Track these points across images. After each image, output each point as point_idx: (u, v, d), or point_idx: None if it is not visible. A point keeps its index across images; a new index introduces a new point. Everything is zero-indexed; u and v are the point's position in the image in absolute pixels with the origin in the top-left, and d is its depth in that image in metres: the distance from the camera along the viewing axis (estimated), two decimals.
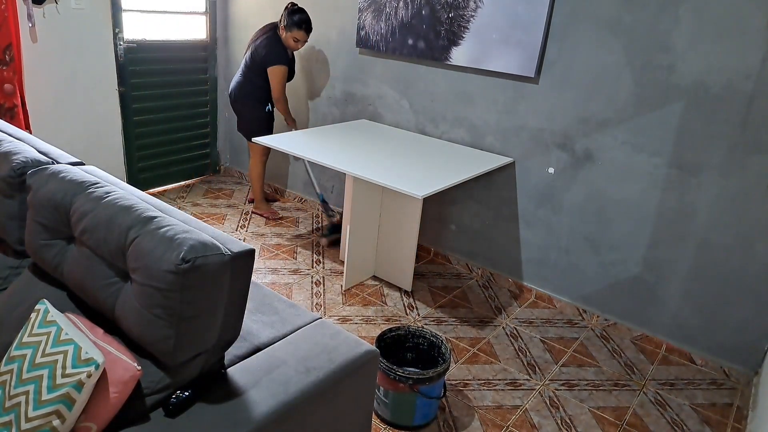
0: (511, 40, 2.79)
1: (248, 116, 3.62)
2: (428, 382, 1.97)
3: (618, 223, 2.71)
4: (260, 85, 3.50)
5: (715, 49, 2.30)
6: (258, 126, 3.61)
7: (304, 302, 2.85)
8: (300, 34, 3.38)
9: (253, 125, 3.61)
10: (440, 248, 3.44)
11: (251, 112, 3.59)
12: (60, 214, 1.44)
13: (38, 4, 3.13)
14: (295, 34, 3.36)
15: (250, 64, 3.49)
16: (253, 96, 3.54)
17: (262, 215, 3.84)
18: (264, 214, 3.84)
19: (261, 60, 3.42)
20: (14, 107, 3.07)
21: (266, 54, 3.40)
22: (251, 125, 3.62)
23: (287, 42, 3.40)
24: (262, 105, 3.57)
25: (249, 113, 3.60)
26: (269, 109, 3.60)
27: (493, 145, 3.04)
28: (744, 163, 2.34)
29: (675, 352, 2.69)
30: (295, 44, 3.42)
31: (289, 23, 3.35)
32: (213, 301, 1.23)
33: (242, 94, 3.56)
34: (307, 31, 3.39)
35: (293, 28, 3.35)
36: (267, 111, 3.59)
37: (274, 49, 3.40)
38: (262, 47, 3.42)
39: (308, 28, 3.39)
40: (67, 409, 1.11)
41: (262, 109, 3.58)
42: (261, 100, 3.56)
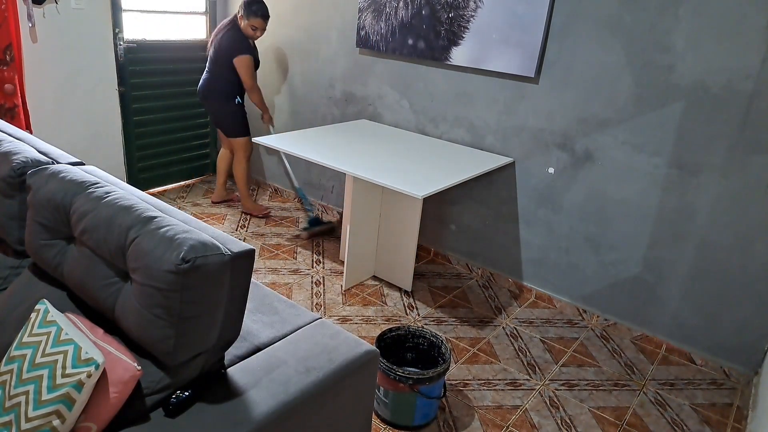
0: (511, 40, 2.79)
1: (221, 112, 3.62)
2: (428, 382, 1.97)
3: (618, 223, 2.71)
4: (228, 78, 3.49)
5: (715, 49, 2.30)
6: (234, 120, 3.61)
7: (304, 302, 2.85)
8: (258, 22, 3.39)
9: (229, 120, 3.62)
10: (440, 248, 3.44)
11: (222, 108, 3.59)
12: (60, 214, 1.44)
13: (38, 4, 3.13)
14: (252, 22, 3.37)
15: (215, 59, 3.47)
16: (222, 91, 3.53)
17: (253, 214, 3.83)
18: (254, 213, 3.83)
19: (226, 53, 3.41)
20: (15, 107, 3.07)
21: (230, 46, 3.40)
22: (227, 121, 3.63)
23: (246, 31, 3.41)
24: (231, 99, 3.56)
25: (220, 109, 3.60)
26: (239, 101, 3.59)
27: (493, 145, 3.04)
28: (744, 163, 2.34)
29: (675, 352, 2.69)
30: (253, 32, 3.42)
31: (246, 12, 3.36)
32: (213, 301, 1.23)
33: (211, 91, 3.55)
34: (264, 18, 3.41)
35: (251, 17, 3.37)
36: (237, 103, 3.58)
37: (236, 39, 3.41)
38: (225, 40, 3.41)
39: (265, 15, 3.41)
40: (67, 409, 1.11)
41: (232, 102, 3.57)
42: (230, 95, 3.55)
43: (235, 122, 3.62)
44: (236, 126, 3.63)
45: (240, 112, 3.62)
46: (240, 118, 3.63)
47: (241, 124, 3.64)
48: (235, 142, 3.69)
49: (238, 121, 3.62)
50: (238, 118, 3.62)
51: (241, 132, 3.66)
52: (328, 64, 3.67)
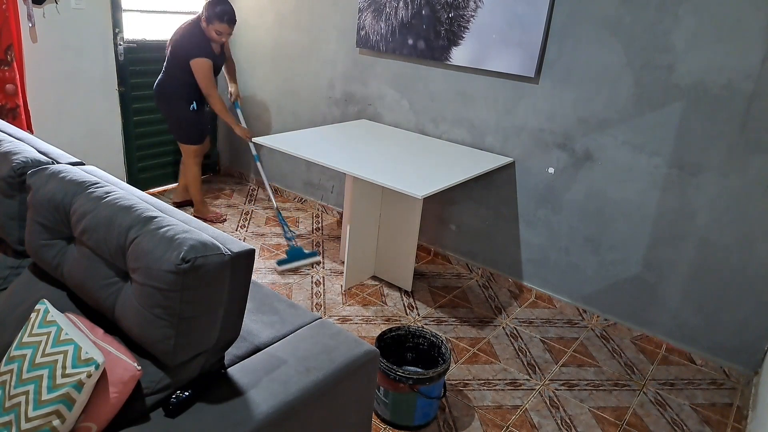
0: (511, 40, 2.79)
1: (173, 116, 3.38)
2: (428, 382, 1.97)
3: (618, 223, 2.71)
4: (184, 81, 3.25)
5: (715, 49, 2.30)
6: (186, 126, 3.37)
7: (304, 302, 2.85)
8: (222, 27, 3.16)
9: (181, 126, 3.38)
10: (440, 248, 3.44)
11: (175, 112, 3.35)
12: (60, 214, 1.44)
13: (38, 4, 3.13)
14: (217, 26, 3.15)
15: (171, 59, 3.26)
16: (176, 94, 3.29)
17: (207, 219, 3.67)
18: (209, 218, 3.68)
19: (183, 53, 3.19)
20: (16, 107, 3.07)
21: (188, 46, 3.17)
22: (178, 126, 3.39)
23: (210, 35, 3.18)
24: (186, 103, 3.32)
25: (173, 113, 3.36)
26: (194, 107, 3.35)
27: (493, 145, 3.04)
28: (744, 163, 2.34)
29: (675, 352, 2.69)
30: (218, 37, 3.19)
31: (210, 15, 3.12)
32: (213, 301, 1.23)
33: (164, 93, 3.33)
34: (229, 23, 3.18)
35: (215, 21, 3.13)
36: (192, 110, 3.34)
37: (196, 40, 3.17)
38: (183, 40, 3.19)
39: (231, 20, 3.17)
40: (67, 409, 1.11)
41: (186, 107, 3.33)
42: (185, 98, 3.31)
43: (188, 129, 3.38)
44: (189, 133, 3.39)
45: (194, 119, 3.38)
46: (193, 125, 3.39)
47: (192, 131, 3.40)
48: (185, 148, 3.47)
49: (190, 127, 3.38)
50: (190, 124, 3.38)
51: (192, 139, 3.43)
52: (328, 64, 3.67)
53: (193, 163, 3.52)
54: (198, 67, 3.18)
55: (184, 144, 3.45)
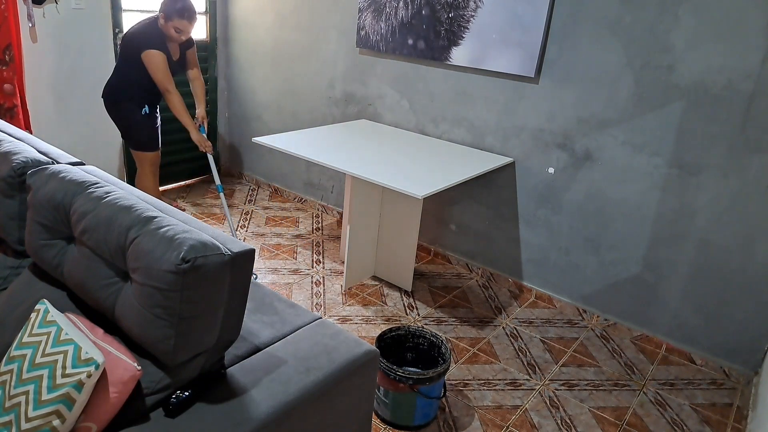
0: (511, 40, 2.79)
1: (123, 121, 3.10)
2: (428, 382, 1.97)
3: (618, 223, 2.71)
4: (134, 81, 2.99)
5: (715, 49, 2.30)
6: (137, 132, 3.09)
7: (304, 302, 2.85)
8: (182, 24, 2.92)
9: (132, 131, 3.10)
10: (440, 248, 3.44)
11: (125, 116, 3.07)
12: (60, 214, 1.44)
13: (38, 4, 3.13)
14: (176, 23, 2.91)
15: (123, 56, 3.00)
16: (126, 94, 3.03)
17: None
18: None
19: (134, 47, 2.92)
20: (14, 107, 3.07)
21: (139, 39, 2.92)
22: (129, 131, 3.12)
23: (168, 32, 2.94)
24: (136, 106, 3.05)
25: (122, 117, 3.08)
26: (146, 111, 3.08)
27: (493, 145, 3.04)
28: (744, 163, 2.34)
29: (675, 352, 2.69)
30: (177, 35, 2.95)
31: (169, 11, 2.89)
32: (213, 301, 1.23)
33: (113, 95, 3.06)
34: (189, 19, 2.94)
35: (174, 17, 2.90)
36: (144, 113, 3.07)
37: (150, 34, 2.92)
38: (135, 35, 2.94)
39: (191, 16, 2.95)
40: (67, 409, 1.11)
41: (138, 111, 3.05)
42: (135, 100, 3.04)
43: (139, 134, 3.11)
44: (141, 139, 3.12)
45: (147, 123, 3.12)
46: (146, 129, 3.12)
47: (148, 137, 3.14)
48: (136, 155, 3.18)
49: (143, 133, 3.12)
50: (144, 129, 3.11)
51: (145, 145, 3.15)
52: (328, 64, 3.68)
53: (149, 172, 3.22)
54: (150, 59, 2.90)
55: (137, 151, 3.17)
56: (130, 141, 3.17)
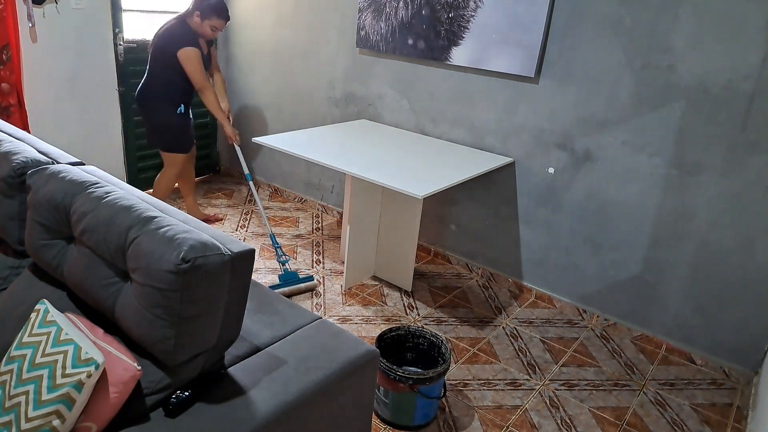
0: (511, 40, 2.79)
1: (157, 122, 3.11)
2: (428, 382, 1.97)
3: (618, 223, 2.71)
4: (169, 80, 3.01)
5: (715, 49, 2.30)
6: (171, 132, 3.10)
7: (304, 302, 2.85)
8: (219, 23, 3.00)
9: (166, 132, 3.12)
10: (440, 248, 3.44)
11: (160, 117, 3.09)
12: (60, 214, 1.44)
13: (38, 4, 3.13)
14: (213, 22, 2.97)
15: (154, 58, 3.03)
16: (162, 95, 3.04)
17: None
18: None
19: (168, 48, 2.95)
20: (9, 106, 3.06)
21: (172, 39, 2.95)
22: (162, 132, 3.12)
23: (203, 31, 2.99)
24: (172, 106, 3.07)
25: (158, 118, 3.10)
26: (182, 110, 3.10)
27: (493, 145, 3.04)
28: (744, 163, 2.34)
29: (675, 352, 2.69)
30: (212, 33, 3.02)
31: (206, 10, 2.93)
32: (213, 301, 1.23)
33: (148, 97, 3.08)
34: (226, 18, 3.02)
35: (212, 16, 2.95)
36: (179, 113, 3.10)
37: (181, 32, 2.95)
38: (168, 35, 2.97)
39: (227, 15, 3.03)
40: (67, 409, 1.11)
41: (173, 111, 3.07)
42: (171, 100, 3.06)
43: (171, 135, 3.12)
44: (172, 140, 3.13)
45: (181, 124, 3.13)
46: (180, 130, 3.13)
47: (179, 138, 3.15)
48: (167, 157, 3.18)
49: (175, 133, 3.13)
50: (176, 130, 3.12)
51: (177, 147, 3.16)
52: (328, 64, 3.68)
53: (173, 174, 3.24)
54: (186, 58, 2.94)
55: (171, 153, 3.18)
56: (163, 143, 3.16)
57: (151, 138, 3.24)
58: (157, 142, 3.21)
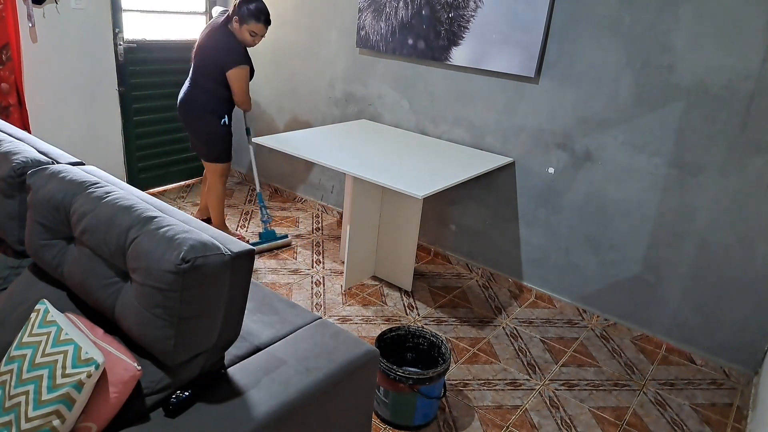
0: (511, 40, 2.79)
1: (203, 132, 3.08)
2: (428, 382, 1.97)
3: (618, 223, 2.71)
4: (215, 92, 2.97)
5: (715, 49, 2.30)
6: (217, 143, 3.09)
7: (304, 302, 2.85)
8: (258, 27, 2.88)
9: (211, 143, 3.09)
10: (440, 248, 3.44)
11: (206, 128, 3.05)
12: (60, 214, 1.44)
13: (38, 4, 3.13)
14: (252, 27, 2.86)
15: (201, 69, 2.96)
16: (207, 107, 2.99)
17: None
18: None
19: (217, 63, 2.90)
20: (9, 106, 3.06)
21: (222, 55, 2.88)
22: (210, 144, 3.10)
23: (243, 37, 2.89)
24: (217, 118, 3.03)
25: (204, 128, 3.06)
26: (225, 122, 3.08)
27: (493, 145, 3.04)
28: (744, 163, 2.34)
29: (675, 352, 2.69)
30: (252, 39, 2.91)
31: (244, 15, 2.84)
32: (213, 301, 1.23)
33: (194, 106, 3.02)
34: (266, 23, 2.91)
35: (251, 21, 2.84)
36: (223, 124, 3.07)
37: (231, 48, 2.88)
38: (216, 48, 2.90)
39: (268, 20, 2.91)
40: (67, 409, 1.11)
41: (218, 123, 3.04)
42: (216, 112, 3.02)
43: (218, 146, 3.10)
44: (219, 150, 3.11)
45: (225, 135, 3.11)
46: (225, 141, 3.12)
47: (225, 148, 3.14)
48: (213, 167, 3.17)
49: (222, 144, 3.11)
50: (222, 141, 3.11)
51: (223, 157, 3.15)
52: (328, 64, 3.68)
53: (220, 182, 3.22)
54: (237, 77, 2.90)
55: (214, 163, 3.15)
56: (209, 153, 3.12)
57: (195, 147, 3.20)
58: (203, 153, 3.16)
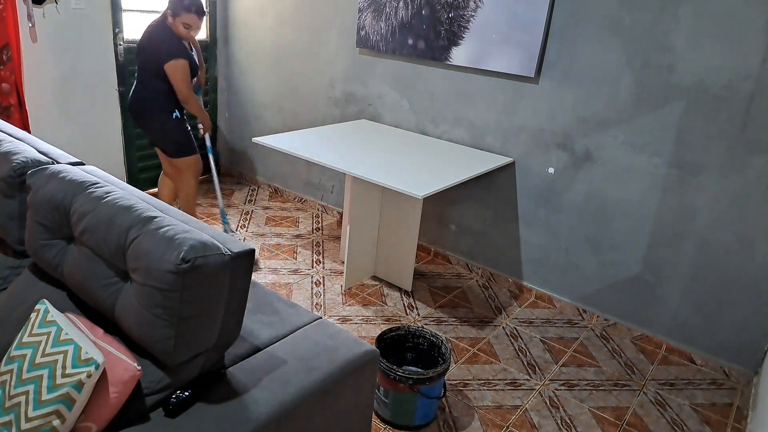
0: (511, 40, 2.79)
1: (158, 130, 3.02)
2: (428, 382, 1.97)
3: (618, 223, 2.71)
4: (162, 89, 2.90)
5: (715, 49, 2.30)
6: (175, 138, 3.02)
7: (304, 302, 2.85)
8: (191, 19, 2.81)
9: (168, 140, 3.03)
10: (440, 248, 3.44)
11: (161, 125, 2.99)
12: (60, 214, 1.44)
13: (38, 4, 3.13)
14: (184, 18, 2.80)
15: (145, 67, 2.91)
16: (157, 105, 2.94)
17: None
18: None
19: (155, 57, 2.84)
20: (9, 106, 3.06)
21: (158, 49, 2.83)
22: (166, 140, 3.04)
23: (178, 30, 2.83)
24: (167, 113, 2.96)
25: (159, 126, 3.00)
26: (177, 116, 3.00)
27: (493, 145, 3.04)
28: (744, 163, 2.34)
29: (675, 352, 2.69)
30: (186, 32, 2.84)
31: (176, 7, 2.78)
32: (213, 301, 1.23)
33: (144, 106, 2.96)
34: (198, 14, 2.83)
35: (182, 12, 2.79)
36: (175, 118, 2.99)
37: (167, 41, 2.82)
38: (153, 44, 2.85)
39: (199, 10, 2.84)
40: (67, 409, 1.11)
41: (170, 118, 2.97)
42: (165, 108, 2.95)
43: (177, 140, 3.02)
44: (179, 145, 3.03)
45: (181, 128, 3.03)
46: (183, 135, 3.04)
47: (184, 141, 3.05)
48: (180, 163, 3.09)
49: (180, 138, 3.03)
50: (180, 135, 3.03)
51: (184, 150, 3.06)
52: (328, 64, 3.68)
53: (191, 176, 3.15)
54: (174, 70, 2.83)
55: (180, 158, 3.08)
56: (169, 149, 3.07)
57: (158, 147, 3.14)
58: (167, 151, 3.10)
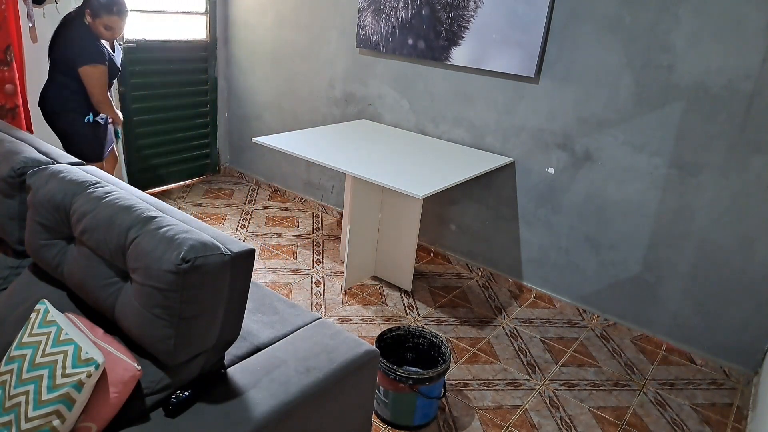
0: (511, 40, 2.79)
1: (66, 131, 2.78)
2: (428, 382, 1.97)
3: (618, 223, 2.71)
4: (75, 89, 2.68)
5: (715, 49, 2.30)
6: (80, 143, 2.79)
7: (304, 302, 2.85)
8: (112, 20, 2.59)
9: (74, 143, 2.79)
10: (440, 248, 3.44)
11: (69, 127, 2.77)
12: (60, 214, 1.44)
13: (38, 4, 3.13)
14: (105, 20, 2.57)
15: (57, 64, 2.69)
16: (68, 105, 2.72)
17: None
18: None
19: (70, 59, 2.63)
20: (15, 107, 3.06)
21: (75, 50, 2.60)
22: (71, 143, 2.80)
23: (98, 31, 2.61)
24: (80, 116, 2.75)
25: (66, 128, 2.77)
26: (90, 120, 2.78)
27: (493, 145, 3.04)
28: (744, 163, 2.34)
29: (675, 352, 2.69)
30: (108, 34, 2.63)
31: (95, 7, 2.56)
32: (213, 301, 1.23)
33: (53, 104, 2.73)
34: (119, 14, 2.61)
35: (102, 13, 2.56)
36: (88, 122, 2.77)
37: (85, 43, 2.60)
38: (69, 43, 2.63)
39: (121, 11, 2.61)
40: (67, 409, 1.11)
41: (81, 121, 2.75)
42: (78, 110, 2.73)
43: (82, 145, 2.79)
44: (83, 149, 2.79)
45: (90, 133, 2.81)
46: (90, 140, 2.82)
47: (91, 148, 2.82)
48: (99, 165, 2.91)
49: (86, 143, 2.80)
50: (86, 140, 2.80)
51: (89, 155, 2.82)
52: (328, 64, 3.68)
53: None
54: (89, 76, 2.62)
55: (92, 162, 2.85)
56: (79, 154, 2.75)
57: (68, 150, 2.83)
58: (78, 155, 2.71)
